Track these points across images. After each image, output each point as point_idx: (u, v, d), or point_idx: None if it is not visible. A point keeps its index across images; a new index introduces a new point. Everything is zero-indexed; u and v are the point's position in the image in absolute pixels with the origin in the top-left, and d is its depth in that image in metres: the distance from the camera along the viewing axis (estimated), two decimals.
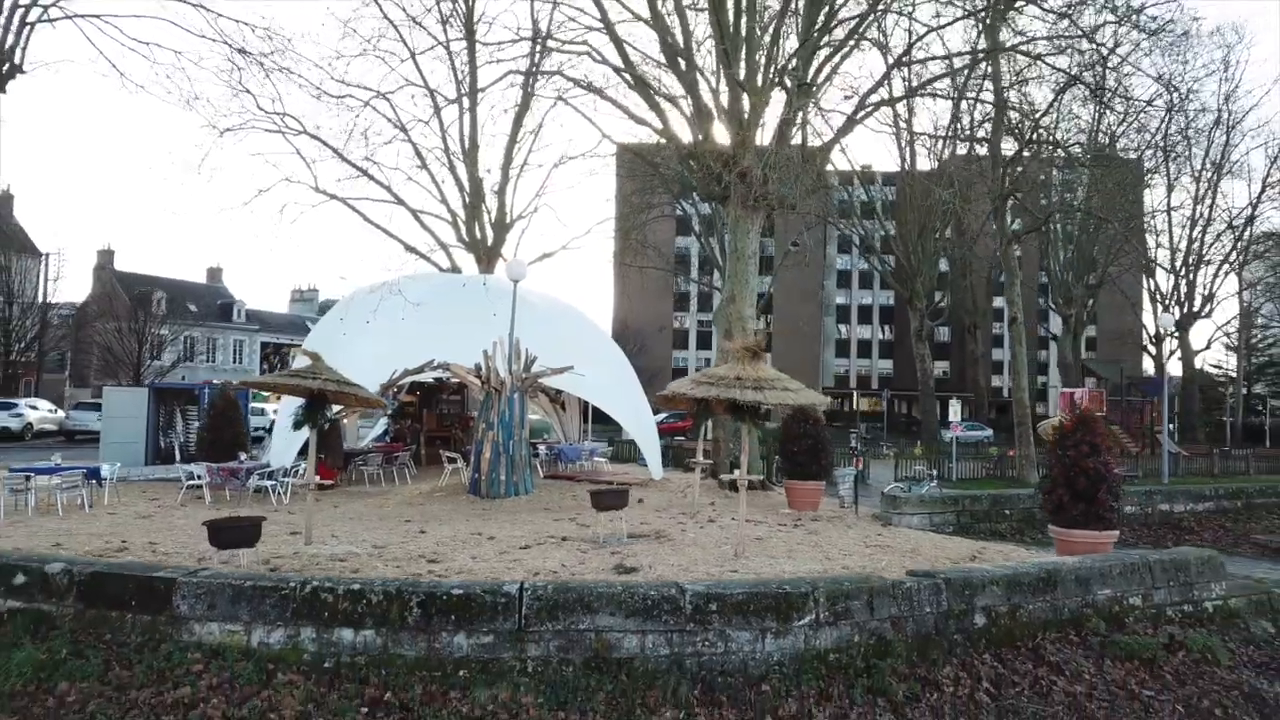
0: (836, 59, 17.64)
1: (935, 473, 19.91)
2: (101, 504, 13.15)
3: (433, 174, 26.06)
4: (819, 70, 16.99)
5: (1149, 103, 26.52)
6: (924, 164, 37.18)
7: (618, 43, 18.38)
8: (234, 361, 58.13)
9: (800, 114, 16.93)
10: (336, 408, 11.01)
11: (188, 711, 6.05)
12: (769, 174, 15.79)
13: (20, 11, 13.87)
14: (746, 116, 16.15)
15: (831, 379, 66.03)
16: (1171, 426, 46.84)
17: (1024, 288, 27.06)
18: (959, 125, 30.68)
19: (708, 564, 9.50)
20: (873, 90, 19.48)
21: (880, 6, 16.85)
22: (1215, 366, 61.89)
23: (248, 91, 20.07)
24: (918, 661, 7.32)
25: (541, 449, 19.27)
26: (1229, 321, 44.17)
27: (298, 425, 10.32)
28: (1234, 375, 57.96)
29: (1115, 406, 36.26)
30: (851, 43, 17.12)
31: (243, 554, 8.53)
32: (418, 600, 6.62)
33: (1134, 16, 20.24)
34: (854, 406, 57.32)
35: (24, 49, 14.12)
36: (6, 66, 14.02)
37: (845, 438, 41.98)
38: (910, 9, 19.40)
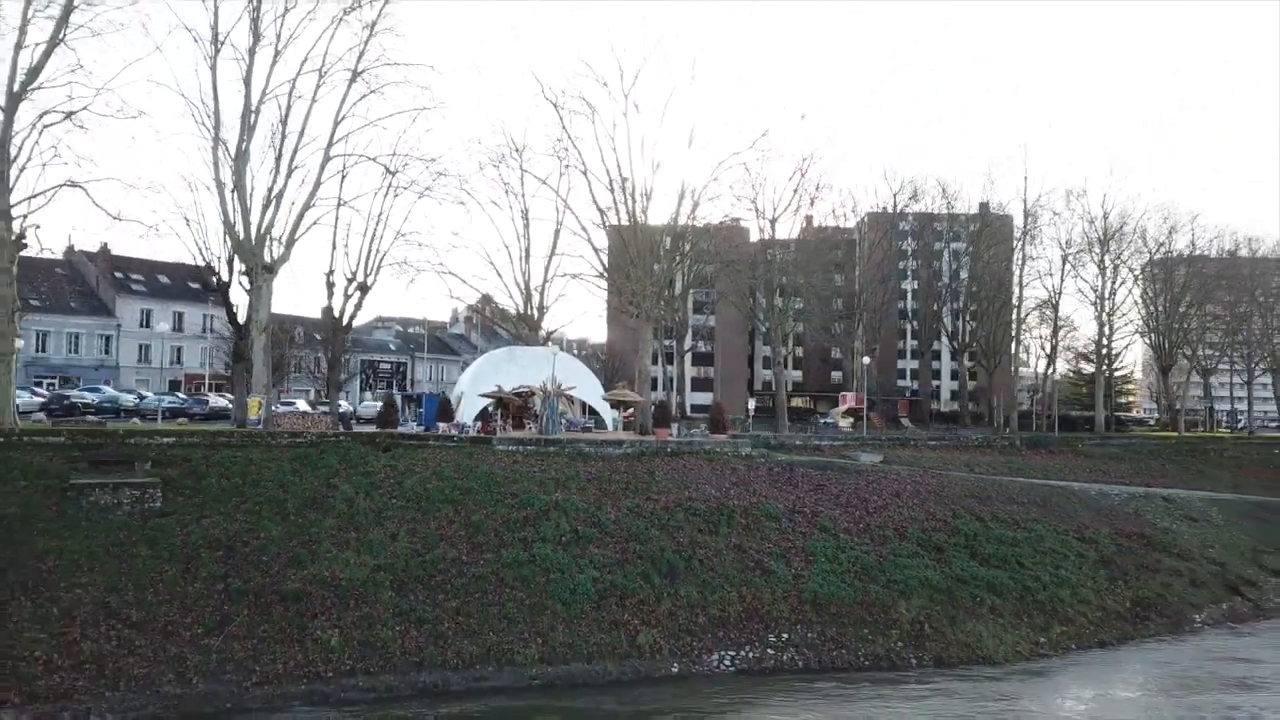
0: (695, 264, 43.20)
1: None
2: None
3: (505, 281, 51.75)
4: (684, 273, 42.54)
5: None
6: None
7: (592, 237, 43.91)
8: (343, 375, 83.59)
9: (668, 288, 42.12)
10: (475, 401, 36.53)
11: (496, 464, 31.41)
12: (651, 316, 41.21)
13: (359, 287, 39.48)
14: (641, 292, 41.36)
15: (760, 384, 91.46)
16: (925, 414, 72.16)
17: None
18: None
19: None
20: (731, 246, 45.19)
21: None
22: (1074, 373, 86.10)
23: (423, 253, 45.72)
24: (652, 457, 32.67)
25: (564, 421, 44.54)
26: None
27: (492, 408, 35.83)
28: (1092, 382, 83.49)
29: (873, 404, 61.68)
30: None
31: (496, 438, 33.97)
32: (544, 440, 32.14)
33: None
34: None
35: (375, 278, 39.73)
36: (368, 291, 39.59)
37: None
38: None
